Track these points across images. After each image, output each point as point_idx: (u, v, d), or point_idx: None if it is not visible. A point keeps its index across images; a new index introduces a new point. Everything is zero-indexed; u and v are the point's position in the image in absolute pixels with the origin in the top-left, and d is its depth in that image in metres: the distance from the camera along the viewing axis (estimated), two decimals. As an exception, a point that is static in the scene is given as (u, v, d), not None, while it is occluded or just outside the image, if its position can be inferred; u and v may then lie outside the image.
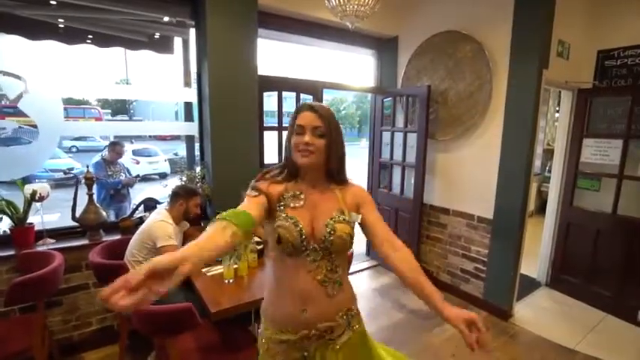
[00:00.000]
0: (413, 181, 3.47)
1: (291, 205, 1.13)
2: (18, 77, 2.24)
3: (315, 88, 3.40)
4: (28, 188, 2.22)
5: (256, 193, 1.11)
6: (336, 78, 3.67)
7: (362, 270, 3.94)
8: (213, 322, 1.79)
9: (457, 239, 3.30)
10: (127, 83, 14.93)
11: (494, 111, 2.91)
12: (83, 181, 2.40)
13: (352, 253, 2.23)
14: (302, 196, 1.15)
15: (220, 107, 2.70)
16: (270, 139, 3.29)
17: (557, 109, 6.25)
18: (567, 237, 3.33)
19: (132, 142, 11.75)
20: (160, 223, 2.14)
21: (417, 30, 3.44)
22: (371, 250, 4.18)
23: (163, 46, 3.13)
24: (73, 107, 16.33)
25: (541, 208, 5.27)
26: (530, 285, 3.44)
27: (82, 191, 2.37)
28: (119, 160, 4.12)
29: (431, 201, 3.50)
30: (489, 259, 3.04)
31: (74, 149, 13.15)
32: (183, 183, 2.70)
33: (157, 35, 3.00)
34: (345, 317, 1.17)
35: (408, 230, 3.57)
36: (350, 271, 3.78)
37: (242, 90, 2.77)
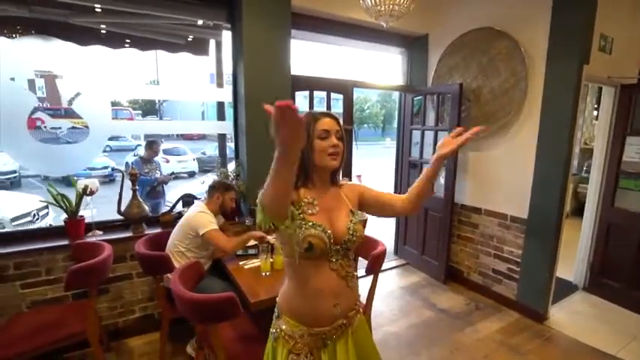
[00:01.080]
0: (443, 180, 3.44)
1: (309, 212, 1.17)
2: (66, 79, 2.40)
3: (345, 87, 3.44)
4: (81, 183, 2.38)
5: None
6: (365, 77, 3.69)
7: (391, 268, 3.94)
8: (251, 312, 1.86)
9: (489, 239, 3.25)
10: (157, 84, 15.52)
11: (529, 108, 2.84)
12: (128, 177, 2.55)
13: (384, 251, 2.25)
14: (316, 203, 1.19)
15: (255, 107, 2.78)
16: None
17: (596, 106, 5.98)
18: (608, 239, 3.20)
19: (162, 142, 12.17)
20: (199, 214, 2.25)
21: (448, 28, 3.40)
22: (399, 248, 4.18)
23: (199, 48, 3.25)
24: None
25: (577, 210, 5.07)
26: (566, 288, 3.33)
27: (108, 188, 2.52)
28: (155, 159, 4.31)
29: (462, 200, 3.46)
30: (523, 259, 2.97)
31: (108, 148, 13.76)
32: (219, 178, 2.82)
33: (193, 38, 3.13)
34: (359, 303, 1.30)
35: (438, 229, 3.55)
36: (382, 269, 3.81)
37: (276, 90, 2.85)
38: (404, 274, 3.79)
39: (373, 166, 13.46)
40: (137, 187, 2.62)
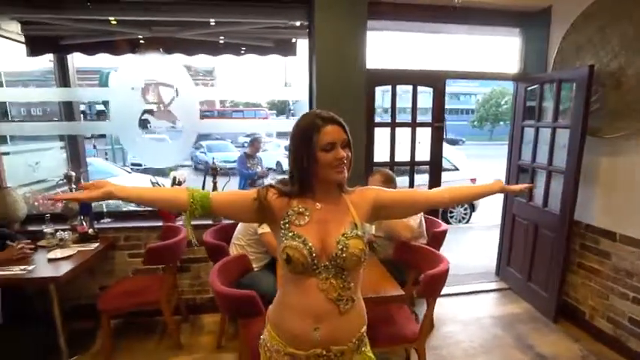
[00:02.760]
0: (561, 191, 2.69)
1: (296, 222, 1.05)
2: (171, 86, 2.82)
3: (436, 79, 3.06)
4: (172, 174, 2.78)
5: (254, 194, 1.06)
6: (465, 66, 3.19)
7: (487, 291, 3.33)
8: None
9: (627, 276, 2.38)
10: (289, 87, 17.03)
11: None
12: (210, 170, 2.85)
13: (444, 272, 1.89)
14: (307, 213, 1.06)
15: (325, 103, 2.72)
16: (383, 136, 3.14)
17: None
18: None
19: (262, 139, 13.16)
20: None
21: (581, -7, 2.61)
22: (501, 268, 3.49)
23: (286, 49, 3.38)
24: (250, 109, 19.80)
25: None
26: None
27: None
28: (257, 154, 4.72)
29: (587, 219, 2.64)
30: (681, 313, 2.07)
31: (246, 144, 15.65)
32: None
33: (279, 39, 3.26)
34: (357, 342, 1.12)
35: (550, 253, 2.80)
36: (471, 290, 3.28)
37: (347, 86, 2.72)
38: (501, 301, 3.15)
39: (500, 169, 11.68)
40: (237, 181, 2.88)
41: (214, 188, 2.85)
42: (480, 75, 3.29)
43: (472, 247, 4.48)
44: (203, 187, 2.83)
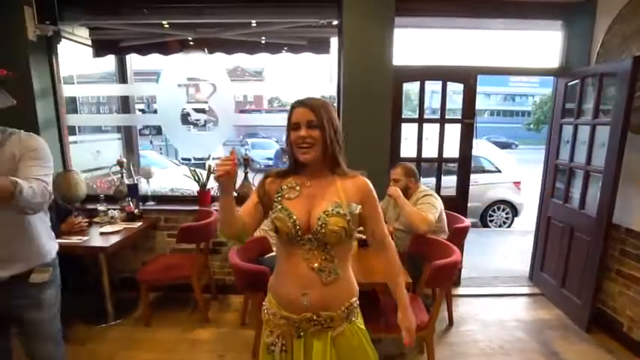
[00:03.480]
0: (599, 192, 2.52)
1: (286, 196, 1.16)
2: (212, 84, 3.07)
3: (466, 75, 3.02)
4: (208, 163, 3.04)
5: (255, 198, 1.20)
6: (498, 62, 3.09)
7: (516, 295, 3.19)
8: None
9: (670, 286, 2.19)
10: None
11: None
12: (242, 161, 3.06)
13: (452, 264, 1.89)
14: (297, 188, 1.17)
15: (351, 99, 2.82)
16: (411, 132, 3.17)
17: None
18: None
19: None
20: None
21: (629, -19, 2.44)
22: (534, 273, 3.33)
23: (320, 47, 3.49)
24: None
25: None
26: None
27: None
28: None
29: (627, 222, 2.45)
30: None
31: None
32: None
33: (313, 38, 3.38)
34: (346, 310, 1.19)
35: (585, 258, 2.64)
36: (499, 293, 3.17)
37: (373, 82, 2.79)
38: (531, 306, 3.00)
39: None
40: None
41: (245, 178, 3.06)
42: (516, 70, 3.16)
43: (508, 251, 4.29)
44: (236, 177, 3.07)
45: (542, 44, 3.25)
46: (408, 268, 2.04)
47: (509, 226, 5.78)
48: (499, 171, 5.85)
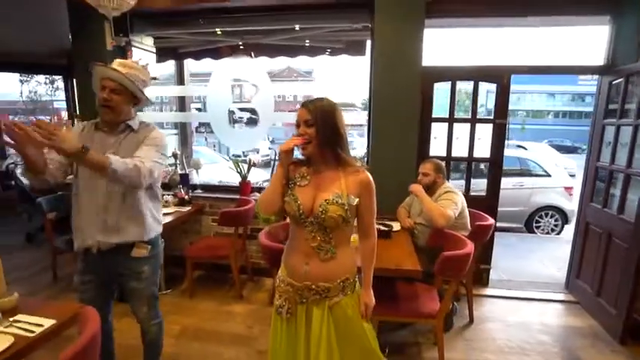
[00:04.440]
0: (638, 197, 2.40)
1: (298, 183, 1.37)
2: (255, 85, 3.39)
3: (499, 75, 3.01)
4: (249, 157, 3.36)
5: (283, 179, 1.38)
6: (536, 60, 3.03)
7: (551, 301, 3.09)
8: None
9: None
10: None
11: None
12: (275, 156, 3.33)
13: (460, 256, 1.97)
14: (308, 177, 1.37)
15: (382, 100, 2.96)
16: (441, 131, 3.21)
17: None
18: None
19: None
20: None
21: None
22: (571, 281, 3.19)
23: (356, 49, 3.66)
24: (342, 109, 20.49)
25: None
26: None
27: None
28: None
29: (669, 230, 2.31)
30: None
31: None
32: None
33: (350, 41, 3.56)
34: (341, 283, 1.39)
35: (621, 265, 2.52)
36: (529, 297, 3.09)
37: (403, 83, 2.91)
38: (562, 313, 2.90)
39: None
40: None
41: (272, 171, 3.34)
42: (555, 69, 3.05)
43: (546, 257, 4.10)
44: (271, 172, 3.35)
45: (584, 41, 3.10)
46: (424, 260, 2.15)
47: (558, 234, 5.46)
48: (548, 175, 5.54)
